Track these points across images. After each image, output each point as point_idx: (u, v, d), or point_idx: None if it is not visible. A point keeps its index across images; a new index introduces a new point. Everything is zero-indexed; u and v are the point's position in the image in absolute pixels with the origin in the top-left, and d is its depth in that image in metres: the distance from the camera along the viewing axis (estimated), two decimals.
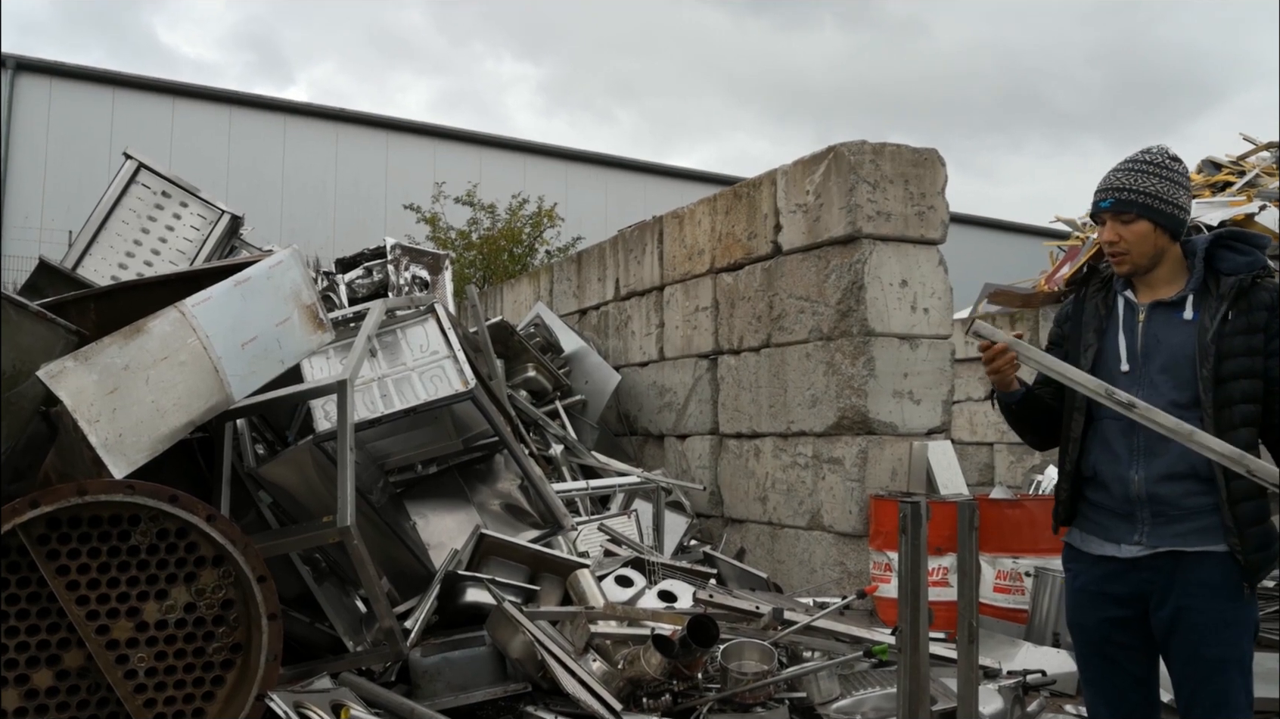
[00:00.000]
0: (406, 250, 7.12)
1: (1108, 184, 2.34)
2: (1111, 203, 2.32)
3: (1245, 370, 2.22)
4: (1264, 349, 2.22)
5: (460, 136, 19.23)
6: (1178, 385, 2.26)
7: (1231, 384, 2.22)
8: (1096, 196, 2.35)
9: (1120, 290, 2.40)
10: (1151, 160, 2.32)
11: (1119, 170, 2.34)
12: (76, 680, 2.71)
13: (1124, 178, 2.32)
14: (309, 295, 3.43)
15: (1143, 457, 2.28)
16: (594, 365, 8.10)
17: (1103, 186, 2.35)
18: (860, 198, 5.69)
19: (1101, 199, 2.34)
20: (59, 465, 2.82)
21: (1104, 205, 2.33)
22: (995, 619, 4.68)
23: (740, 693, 3.48)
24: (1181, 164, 2.34)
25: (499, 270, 15.33)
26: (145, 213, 4.96)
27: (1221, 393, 2.22)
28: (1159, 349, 2.30)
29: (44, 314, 2.88)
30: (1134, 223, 2.30)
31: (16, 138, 15.31)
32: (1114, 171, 2.35)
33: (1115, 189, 2.32)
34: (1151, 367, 2.30)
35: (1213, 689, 2.22)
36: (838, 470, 5.74)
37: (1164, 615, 2.25)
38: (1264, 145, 11.36)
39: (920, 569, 2.44)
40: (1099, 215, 2.36)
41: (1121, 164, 2.36)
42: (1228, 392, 2.22)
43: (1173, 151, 2.35)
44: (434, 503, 4.64)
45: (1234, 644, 2.23)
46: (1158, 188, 2.29)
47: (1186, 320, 2.28)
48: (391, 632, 3.25)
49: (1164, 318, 2.32)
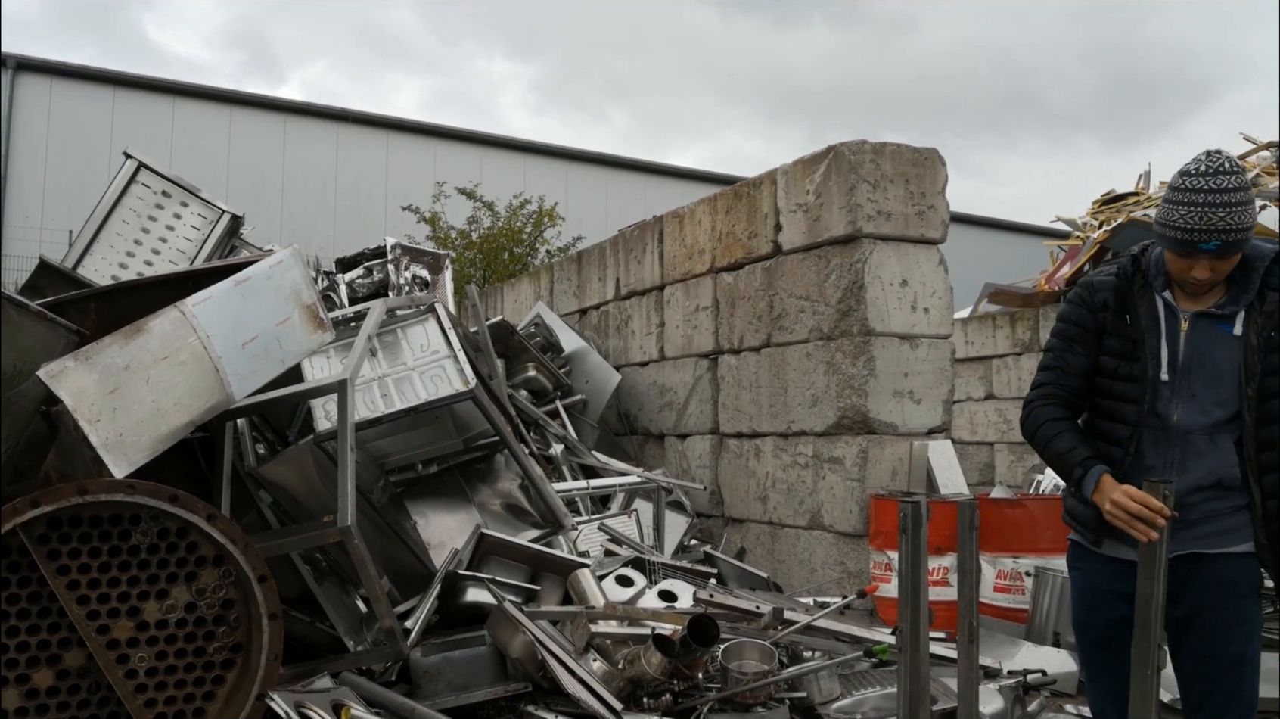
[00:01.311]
0: (407, 250, 7.12)
1: (1211, 224, 2.11)
2: (1218, 245, 2.13)
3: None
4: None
5: (460, 136, 19.22)
6: (1220, 401, 2.24)
7: (1275, 400, 2.21)
8: (1196, 236, 2.13)
9: (1159, 291, 2.31)
10: (1240, 186, 2.13)
11: (1216, 206, 2.11)
12: (77, 680, 2.71)
13: (1229, 217, 2.10)
14: (309, 295, 3.43)
15: (1176, 469, 2.27)
16: (594, 365, 8.10)
17: (1205, 226, 2.11)
18: (860, 197, 5.69)
19: (1205, 240, 2.12)
20: (59, 465, 2.83)
21: (1210, 247, 2.13)
22: (996, 619, 4.68)
23: (741, 693, 3.48)
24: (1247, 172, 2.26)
25: (499, 270, 15.33)
26: (145, 212, 4.96)
27: (1264, 409, 2.21)
28: (1203, 362, 2.25)
29: (44, 314, 2.88)
30: (1232, 257, 2.19)
31: (17, 137, 15.31)
32: (1209, 208, 2.11)
33: (1223, 231, 2.12)
34: (1194, 379, 2.25)
35: (1228, 686, 2.25)
36: (838, 470, 5.75)
37: (1178, 615, 2.26)
38: (1264, 145, 11.36)
39: (921, 569, 2.43)
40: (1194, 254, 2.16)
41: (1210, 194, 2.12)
42: (1270, 408, 2.21)
43: (1234, 157, 2.19)
44: (434, 502, 4.64)
45: (1248, 642, 2.26)
46: (1253, 216, 2.16)
47: (1234, 336, 2.23)
48: (392, 631, 3.25)
49: (1208, 329, 2.26)
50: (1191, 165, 2.19)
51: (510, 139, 19.95)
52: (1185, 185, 2.16)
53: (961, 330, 11.30)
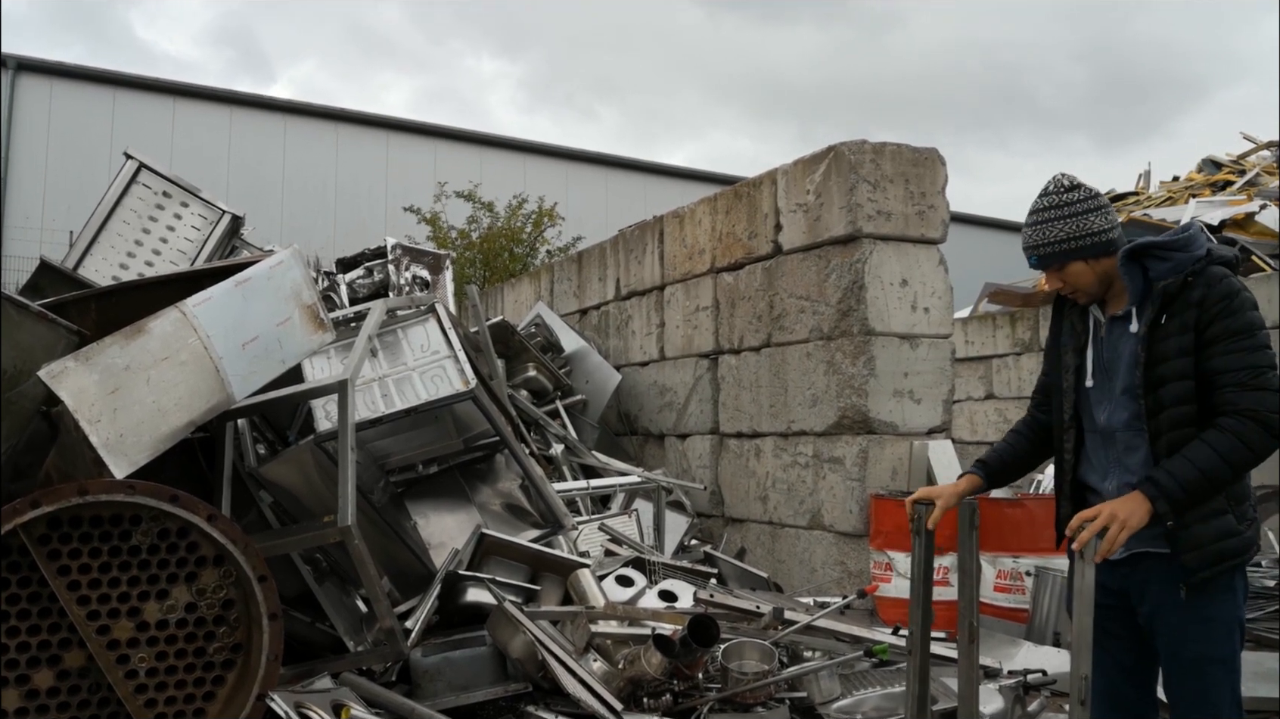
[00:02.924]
0: (407, 250, 7.13)
1: (1025, 242, 2.40)
2: (1036, 260, 2.39)
3: (1177, 373, 2.23)
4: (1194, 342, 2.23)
5: (460, 136, 19.23)
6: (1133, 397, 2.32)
7: (1162, 390, 2.25)
8: (1025, 255, 2.41)
9: (1089, 305, 2.45)
10: (1050, 205, 2.34)
11: (1029, 226, 2.38)
12: (77, 680, 2.72)
13: (1035, 234, 2.36)
14: (310, 295, 3.43)
15: (1116, 468, 2.36)
16: (594, 365, 8.10)
17: (1024, 244, 2.41)
18: (860, 197, 5.69)
19: (1029, 258, 2.41)
20: (60, 465, 2.83)
21: (1033, 262, 2.40)
22: (996, 619, 4.68)
23: (741, 693, 3.49)
24: (1080, 189, 2.34)
25: (499, 270, 15.33)
26: (146, 213, 4.96)
27: (1153, 399, 2.27)
28: (1117, 363, 2.36)
29: (45, 314, 2.88)
30: (1066, 266, 2.35)
31: (17, 138, 15.32)
32: (1026, 228, 2.39)
33: (1031, 247, 2.38)
34: (1116, 382, 2.35)
35: (1191, 688, 2.25)
36: (838, 470, 5.75)
37: (1145, 613, 2.32)
38: (1264, 144, 11.36)
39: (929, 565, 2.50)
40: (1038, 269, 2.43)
41: (1029, 215, 2.40)
42: (1158, 397, 2.26)
43: (1069, 180, 2.36)
44: (435, 502, 4.64)
45: (1210, 642, 2.23)
46: (1066, 230, 2.31)
47: (1131, 332, 2.33)
48: (392, 631, 3.26)
49: (1120, 332, 2.37)
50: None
51: (510, 139, 19.95)
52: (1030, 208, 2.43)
53: (961, 330, 11.30)
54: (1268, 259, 9.92)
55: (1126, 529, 2.12)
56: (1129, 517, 2.13)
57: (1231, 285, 2.23)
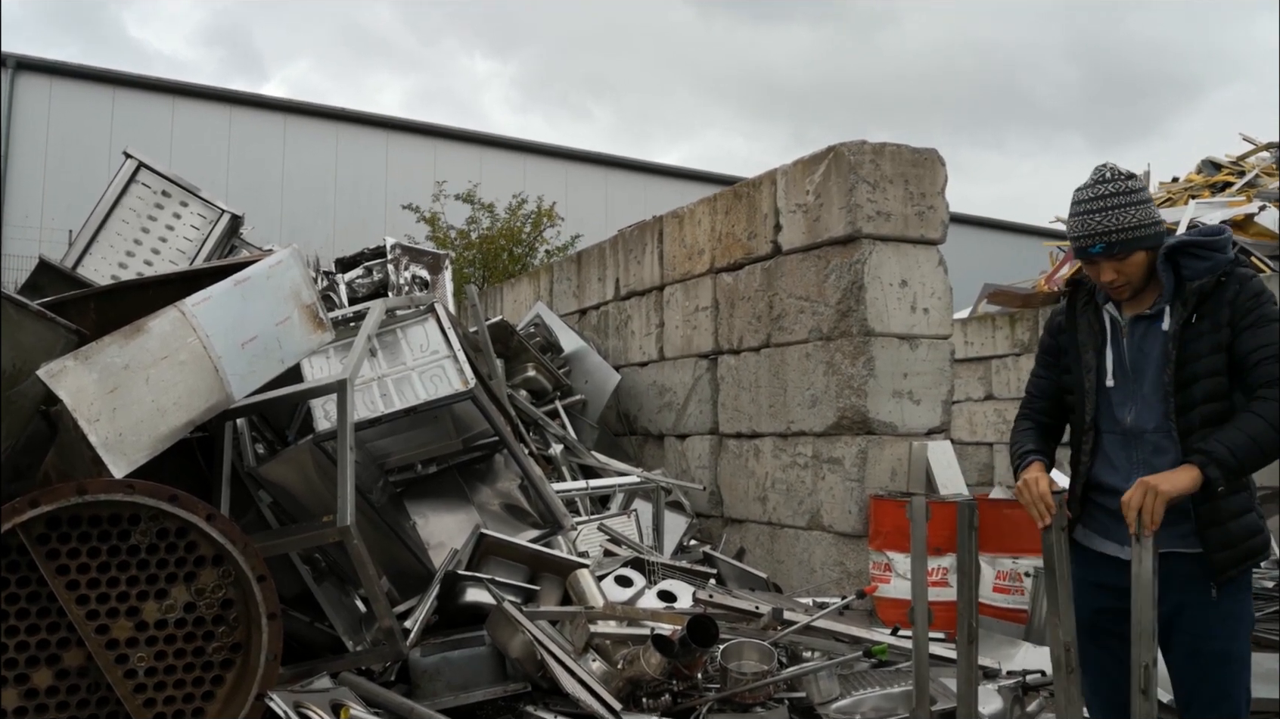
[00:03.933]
0: (406, 250, 7.12)
1: (1091, 229, 2.27)
2: (1103, 248, 2.27)
3: (1208, 370, 2.24)
4: (1230, 337, 2.24)
5: (459, 136, 19.23)
6: (1163, 397, 2.29)
7: (1193, 386, 2.25)
8: (1083, 242, 2.30)
9: (1103, 304, 2.42)
10: (1119, 191, 2.28)
11: (1094, 212, 2.28)
12: (76, 680, 2.71)
13: (1106, 219, 2.26)
14: (309, 295, 3.43)
15: (1141, 469, 2.32)
16: (594, 365, 8.10)
17: (1087, 232, 2.28)
18: (860, 198, 5.69)
19: (1090, 244, 2.28)
20: (59, 464, 2.83)
21: (1095, 250, 2.28)
22: (995, 619, 4.68)
23: (740, 693, 3.49)
24: (1137, 179, 2.32)
25: (499, 270, 15.33)
26: (145, 212, 4.96)
27: (1184, 397, 2.26)
28: (1146, 363, 2.33)
29: (44, 313, 2.88)
30: (1130, 256, 2.28)
31: (17, 137, 15.31)
32: (1089, 214, 2.28)
33: (1102, 234, 2.27)
34: (1143, 382, 2.33)
35: (1213, 684, 2.26)
36: (837, 470, 5.75)
37: (1164, 612, 2.27)
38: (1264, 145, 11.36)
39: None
40: (1090, 259, 2.31)
41: (1091, 202, 2.30)
42: (1190, 394, 2.26)
43: (1123, 169, 2.33)
44: (434, 502, 4.64)
45: (1233, 639, 2.26)
46: (1138, 217, 2.26)
47: (1164, 331, 2.31)
48: (391, 631, 3.26)
49: (1144, 330, 2.35)
50: (1082, 182, 2.36)
51: (509, 139, 19.96)
52: (1074, 199, 2.35)
53: (961, 331, 11.30)
54: (1267, 260, 9.92)
55: (1160, 497, 2.10)
56: (1162, 483, 2.12)
57: (1261, 285, 2.27)
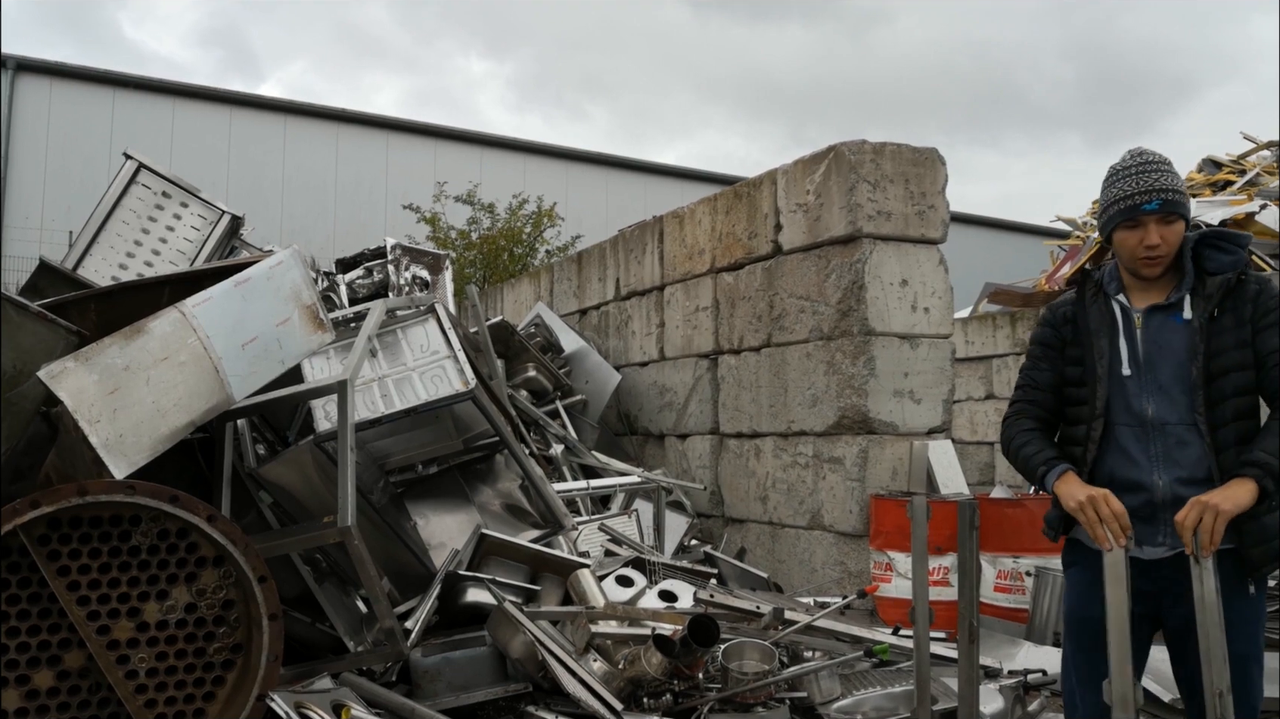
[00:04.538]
0: (407, 250, 7.12)
1: (1147, 185, 2.25)
2: (1159, 204, 2.24)
3: (1237, 364, 2.24)
4: (1251, 334, 2.25)
5: (460, 137, 19.22)
6: (1186, 390, 2.26)
7: (1223, 380, 2.24)
8: (1137, 199, 2.26)
9: (1114, 295, 2.39)
10: (1164, 160, 2.29)
11: (1147, 172, 2.27)
12: (77, 681, 2.72)
13: (1161, 178, 2.25)
14: (309, 295, 3.43)
15: (1162, 462, 2.28)
16: (594, 365, 8.10)
17: (1142, 188, 2.26)
18: (860, 197, 5.69)
19: (1146, 201, 2.25)
20: (60, 466, 2.83)
21: (1152, 207, 2.24)
22: (996, 619, 4.67)
23: (741, 693, 3.48)
24: None
25: (499, 270, 15.32)
26: (145, 213, 4.96)
27: (1214, 390, 2.24)
28: (1163, 355, 2.30)
29: (45, 314, 2.88)
30: (1175, 223, 2.26)
31: (17, 138, 15.31)
32: (1142, 174, 2.27)
33: (1160, 190, 2.24)
34: (1161, 373, 2.29)
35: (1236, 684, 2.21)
36: (838, 470, 5.74)
37: (1183, 613, 2.23)
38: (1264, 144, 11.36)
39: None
40: (1140, 218, 2.27)
41: (1140, 165, 2.30)
42: (1220, 388, 2.24)
43: None
44: (435, 503, 4.64)
45: (1253, 639, 2.25)
46: (1182, 184, 2.29)
47: (1185, 322, 2.28)
48: (392, 632, 3.26)
49: (1162, 322, 2.32)
50: (1118, 160, 2.38)
51: (509, 139, 19.95)
52: (1116, 168, 2.36)
53: (962, 330, 11.30)
54: (1268, 259, 9.92)
55: (1222, 516, 2.08)
56: (1223, 502, 2.10)
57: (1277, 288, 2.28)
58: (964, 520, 2.58)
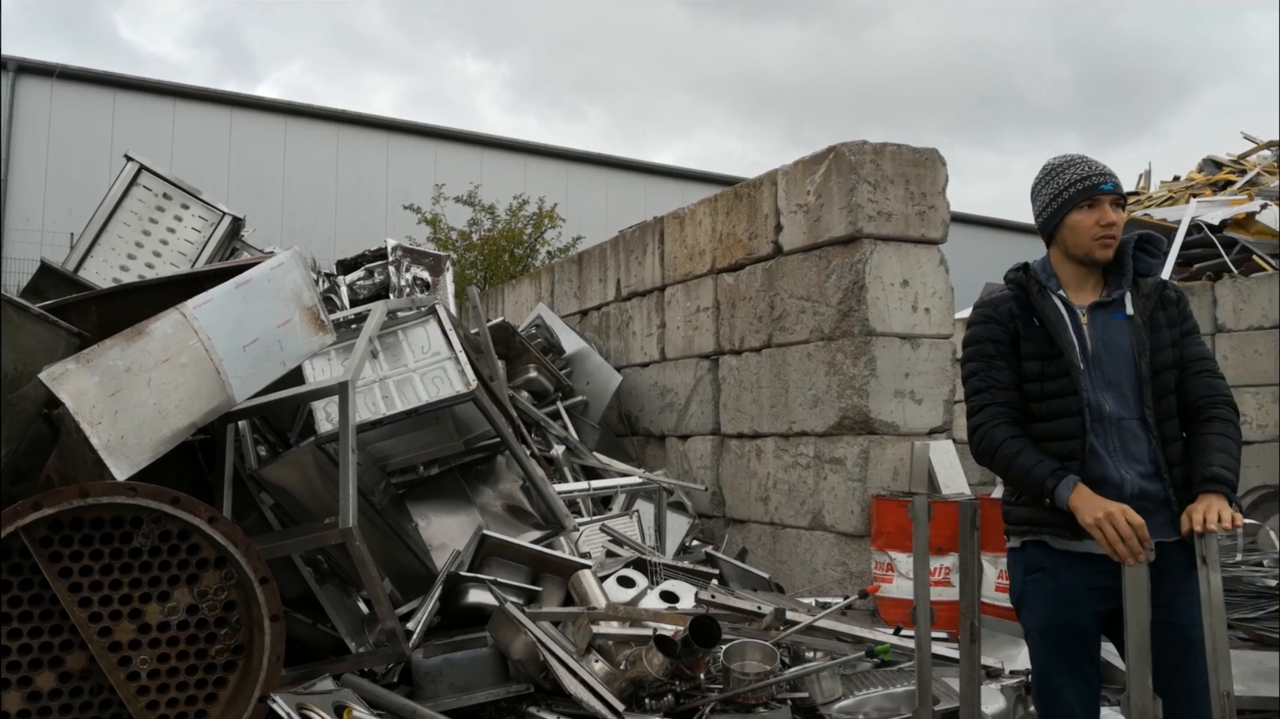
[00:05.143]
0: (408, 252, 7.12)
1: (1100, 169, 2.37)
2: (1113, 186, 2.35)
3: (1172, 361, 2.35)
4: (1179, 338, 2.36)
5: (461, 137, 19.23)
6: (1135, 385, 2.32)
7: (1164, 374, 2.33)
8: (1094, 180, 2.35)
9: (1054, 290, 2.41)
10: None
11: (1092, 160, 2.39)
12: (79, 682, 2.72)
13: (1106, 166, 2.37)
14: (310, 297, 3.43)
15: (1121, 457, 2.30)
16: (595, 366, 8.10)
17: (1097, 171, 2.37)
18: (861, 198, 5.69)
19: (1102, 182, 2.35)
20: (61, 467, 2.83)
21: (1107, 188, 2.35)
22: (997, 619, 4.67)
23: (743, 693, 3.49)
24: None
25: (500, 271, 15.33)
26: (146, 215, 4.97)
27: (1158, 384, 2.32)
28: (1110, 350, 2.34)
29: (46, 316, 2.88)
30: (1122, 213, 2.39)
31: (18, 140, 15.32)
32: (1087, 161, 2.39)
33: (1110, 175, 2.37)
34: (1107, 367, 2.33)
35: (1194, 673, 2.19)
36: (839, 470, 5.74)
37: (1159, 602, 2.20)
38: (1264, 144, 11.37)
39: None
40: (1097, 197, 2.35)
41: (1082, 156, 2.42)
42: (1163, 382, 2.32)
43: None
44: (436, 504, 4.64)
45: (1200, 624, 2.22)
46: None
47: (1127, 318, 2.36)
48: (394, 633, 3.26)
49: (1105, 319, 2.37)
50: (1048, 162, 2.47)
51: (510, 140, 19.95)
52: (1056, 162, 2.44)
53: (962, 330, 11.28)
54: (1268, 259, 9.92)
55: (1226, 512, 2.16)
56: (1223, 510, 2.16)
57: None
58: (965, 520, 2.58)
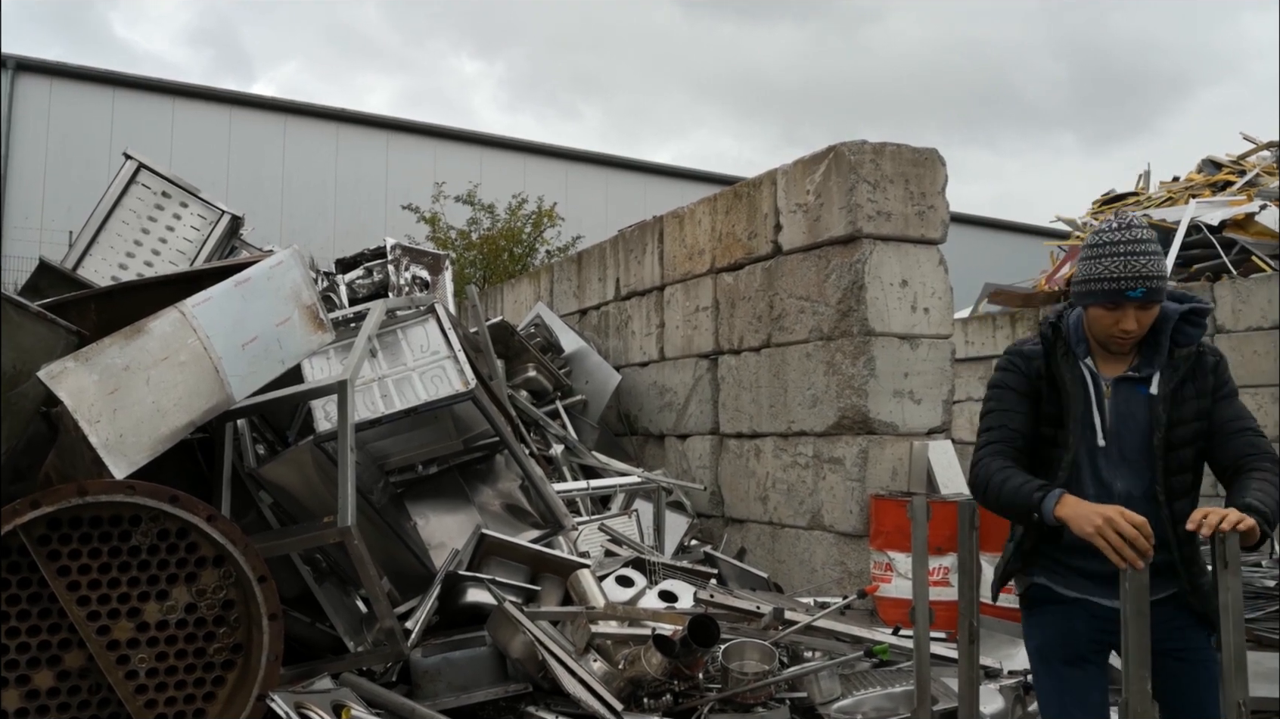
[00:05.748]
0: (407, 250, 7.12)
1: (1136, 271, 2.16)
2: (1144, 293, 2.17)
3: (1194, 435, 2.25)
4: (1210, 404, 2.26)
5: (460, 137, 19.23)
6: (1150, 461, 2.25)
7: (1182, 450, 2.24)
8: (1124, 284, 2.17)
9: (1081, 357, 2.32)
10: (1152, 239, 2.21)
11: (1137, 255, 2.18)
12: (77, 681, 2.72)
13: (1150, 264, 2.17)
14: (309, 295, 3.43)
15: None
16: (594, 365, 8.10)
17: (1131, 274, 2.16)
18: (860, 197, 5.69)
19: (1131, 288, 2.17)
20: (60, 466, 2.83)
21: (1135, 294, 2.17)
22: (996, 619, 4.67)
23: (741, 693, 3.49)
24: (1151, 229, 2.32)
25: (499, 270, 15.33)
26: (145, 213, 4.96)
27: (1172, 460, 2.24)
28: (1128, 425, 2.27)
29: (44, 314, 2.88)
30: (1153, 309, 2.22)
31: (17, 138, 15.31)
32: (1132, 256, 2.18)
33: (1146, 278, 2.16)
34: (1126, 446, 2.26)
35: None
36: (838, 470, 5.74)
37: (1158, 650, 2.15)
38: (1264, 145, 11.37)
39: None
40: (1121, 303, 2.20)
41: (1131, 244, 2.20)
42: (1179, 458, 2.25)
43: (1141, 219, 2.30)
44: (435, 503, 4.64)
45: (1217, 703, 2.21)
46: (1166, 268, 2.23)
47: (1151, 394, 2.26)
48: (392, 632, 3.26)
49: (1129, 393, 2.28)
50: (1104, 224, 2.27)
51: (509, 139, 19.95)
52: (1102, 240, 2.24)
53: (962, 330, 11.30)
54: (1268, 259, 9.92)
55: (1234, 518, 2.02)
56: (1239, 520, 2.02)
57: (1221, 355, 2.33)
58: (964, 520, 2.58)
